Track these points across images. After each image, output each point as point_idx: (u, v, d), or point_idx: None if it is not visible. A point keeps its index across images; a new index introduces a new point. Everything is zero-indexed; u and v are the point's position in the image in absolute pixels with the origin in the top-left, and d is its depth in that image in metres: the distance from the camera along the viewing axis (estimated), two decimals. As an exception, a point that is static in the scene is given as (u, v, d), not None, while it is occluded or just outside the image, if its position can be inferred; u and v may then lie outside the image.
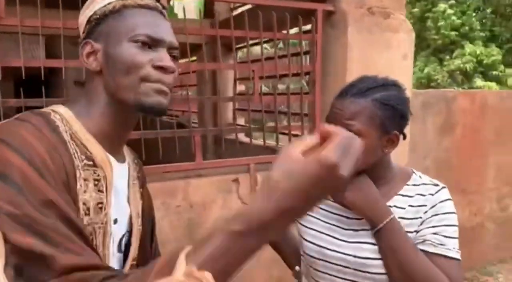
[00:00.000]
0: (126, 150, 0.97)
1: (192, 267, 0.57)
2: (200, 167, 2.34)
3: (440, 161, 3.47)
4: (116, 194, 0.86)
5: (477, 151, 3.78)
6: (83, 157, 0.79)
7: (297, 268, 1.35)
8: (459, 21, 12.59)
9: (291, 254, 1.40)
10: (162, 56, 0.82)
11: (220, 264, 0.58)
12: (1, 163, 0.68)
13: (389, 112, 1.06)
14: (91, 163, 0.80)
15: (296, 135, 2.87)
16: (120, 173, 0.89)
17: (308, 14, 2.60)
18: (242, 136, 3.10)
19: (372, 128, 1.05)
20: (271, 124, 2.84)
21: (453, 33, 12.63)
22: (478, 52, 11.96)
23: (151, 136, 2.20)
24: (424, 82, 12.33)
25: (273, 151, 3.03)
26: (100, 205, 0.80)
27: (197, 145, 2.29)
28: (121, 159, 0.90)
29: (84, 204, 0.77)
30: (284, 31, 2.57)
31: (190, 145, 2.33)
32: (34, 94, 2.04)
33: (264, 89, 5.76)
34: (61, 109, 0.83)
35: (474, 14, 12.82)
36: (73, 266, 0.65)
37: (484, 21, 12.84)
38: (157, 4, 0.88)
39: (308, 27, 2.67)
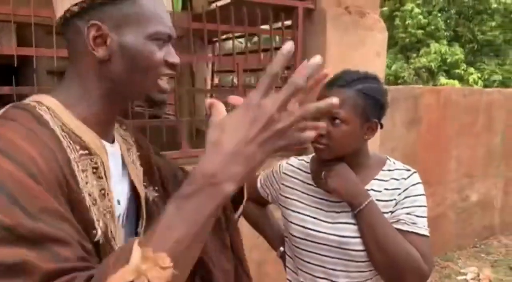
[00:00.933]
0: (116, 129, 0.93)
1: (147, 250, 0.55)
2: (186, 156, 2.42)
3: (407, 153, 3.65)
4: (113, 175, 0.84)
5: (441, 144, 3.99)
6: (78, 147, 0.75)
7: (281, 248, 1.45)
8: (425, 20, 12.98)
9: (275, 236, 1.49)
10: (172, 52, 0.81)
11: (174, 237, 0.57)
12: None
13: (371, 102, 1.18)
14: (86, 152, 0.76)
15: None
16: (114, 154, 0.86)
17: (289, 11, 2.71)
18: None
19: (356, 116, 1.17)
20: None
21: (419, 32, 13.01)
22: (442, 51, 12.38)
23: (138, 125, 2.26)
24: (392, 79, 12.68)
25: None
26: (102, 191, 0.78)
27: (183, 135, 2.38)
28: (111, 140, 0.87)
29: (89, 195, 0.74)
30: (266, 26, 2.67)
31: (169, 134, 2.39)
32: (3, 82, 2.02)
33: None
34: (46, 99, 0.77)
35: (439, 14, 13.23)
36: (57, 271, 0.58)
37: (448, 21, 13.29)
38: None
39: (288, 22, 2.78)
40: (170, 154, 2.39)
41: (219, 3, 3.90)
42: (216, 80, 4.71)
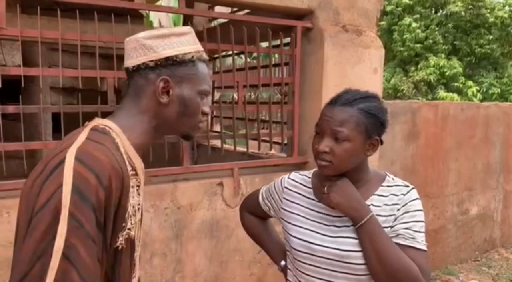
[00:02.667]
0: None
1: None
2: (187, 171, 2.46)
3: (406, 167, 3.68)
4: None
5: (439, 157, 4.01)
6: (130, 168, 0.96)
7: (282, 262, 1.46)
8: (423, 34, 13.12)
9: (276, 249, 1.51)
10: (208, 104, 1.08)
11: None
12: (80, 180, 0.83)
13: (372, 120, 1.22)
14: (134, 172, 0.97)
15: (276, 143, 3.03)
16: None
17: (287, 29, 2.79)
18: (218, 144, 3.24)
19: (358, 134, 1.21)
20: (252, 131, 2.99)
21: (418, 45, 13.12)
22: (441, 64, 12.48)
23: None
24: (391, 93, 12.76)
25: (253, 157, 3.19)
26: (138, 206, 0.99)
27: (185, 150, 2.42)
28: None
29: (132, 207, 0.95)
30: (266, 43, 2.74)
31: (171, 150, 2.44)
32: (7, 97, 2.07)
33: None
34: (111, 124, 0.98)
35: (437, 29, 13.37)
36: None
37: (446, 35, 13.41)
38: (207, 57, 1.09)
39: (287, 40, 2.85)
40: (172, 170, 2.44)
41: (219, 21, 3.99)
42: (216, 96, 4.77)
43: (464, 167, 4.23)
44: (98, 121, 0.99)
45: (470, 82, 12.58)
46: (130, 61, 1.02)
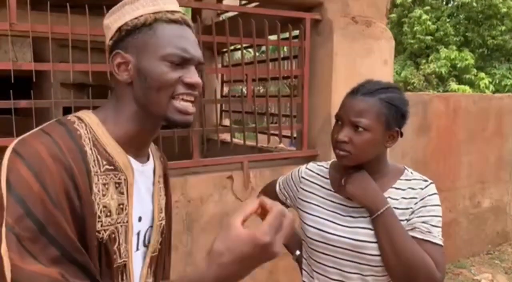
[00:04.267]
0: (153, 149, 1.01)
1: None
2: (198, 164, 2.47)
3: (417, 160, 3.66)
4: (138, 193, 0.91)
5: (451, 150, 3.98)
6: (104, 162, 0.83)
7: (297, 252, 1.48)
8: (434, 26, 12.92)
9: (291, 240, 1.50)
10: (192, 73, 0.86)
11: None
12: (15, 178, 0.73)
13: (393, 111, 1.21)
14: (112, 167, 0.84)
15: (285, 136, 3.02)
16: (144, 173, 0.93)
17: (296, 21, 2.77)
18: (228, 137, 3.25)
19: (378, 124, 1.20)
20: (262, 125, 2.99)
21: (428, 38, 12.95)
22: (452, 56, 12.30)
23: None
24: (401, 86, 12.63)
25: (263, 151, 3.19)
26: (121, 206, 0.85)
27: (195, 144, 2.43)
28: (145, 160, 0.94)
29: (104, 207, 0.82)
30: (275, 36, 2.73)
31: (181, 144, 2.45)
32: (19, 94, 2.12)
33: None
34: (88, 116, 0.86)
35: (448, 20, 13.17)
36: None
37: (457, 26, 13.20)
38: (186, 18, 0.89)
39: (295, 33, 2.84)
40: (182, 163, 2.45)
41: (228, 14, 3.98)
42: (225, 90, 4.77)
43: (476, 159, 4.19)
44: (78, 113, 0.88)
45: (482, 74, 12.39)
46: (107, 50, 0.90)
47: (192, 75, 0.86)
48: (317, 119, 2.84)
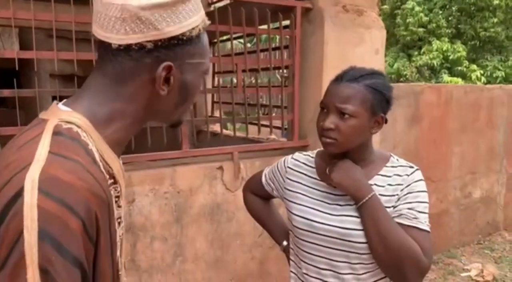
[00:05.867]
0: None
1: None
2: (187, 155, 2.44)
3: (408, 150, 3.65)
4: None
5: (442, 141, 3.97)
6: (107, 177, 0.73)
7: (284, 242, 1.47)
8: (426, 18, 12.93)
9: (278, 230, 1.52)
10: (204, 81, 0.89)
11: None
12: (64, 234, 0.59)
13: (378, 97, 1.21)
14: (112, 180, 0.75)
15: (276, 127, 3.00)
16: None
17: (287, 10, 2.73)
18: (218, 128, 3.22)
19: (364, 110, 1.19)
20: (253, 116, 2.96)
21: (421, 29, 12.96)
22: (444, 48, 12.34)
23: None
24: (394, 78, 12.64)
25: (253, 142, 3.16)
26: (119, 220, 0.77)
27: (184, 135, 2.40)
28: (119, 156, 0.84)
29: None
30: (265, 26, 2.69)
31: (170, 134, 2.42)
32: (7, 86, 2.08)
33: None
34: (78, 119, 0.71)
35: (440, 12, 13.18)
36: None
37: (450, 18, 13.22)
38: None
39: (287, 22, 2.80)
40: (171, 154, 2.42)
41: (218, 4, 3.93)
42: (217, 81, 4.73)
43: (467, 150, 4.19)
44: (59, 114, 0.71)
45: (474, 66, 12.44)
46: (115, 37, 0.71)
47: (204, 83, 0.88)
48: (308, 109, 2.82)
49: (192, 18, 0.75)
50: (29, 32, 2.16)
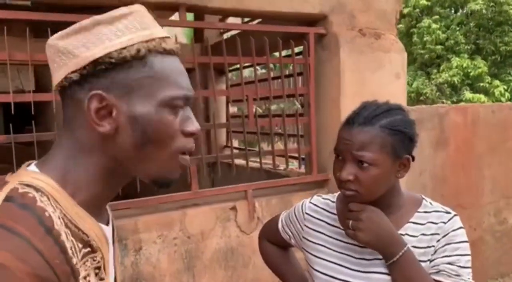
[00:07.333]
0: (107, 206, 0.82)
1: None
2: (197, 196, 2.29)
3: (436, 176, 3.46)
4: (110, 267, 0.76)
5: (472, 164, 3.78)
6: (80, 246, 0.64)
7: None
8: (444, 35, 12.79)
9: None
10: (191, 119, 0.69)
11: None
12: None
13: (399, 137, 1.05)
14: (88, 249, 0.66)
15: (292, 157, 2.84)
16: (109, 237, 0.75)
17: (299, 37, 2.61)
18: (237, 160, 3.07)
19: (385, 156, 1.04)
20: (265, 146, 2.81)
21: (439, 47, 12.81)
22: (464, 65, 12.12)
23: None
24: (413, 97, 12.45)
25: (269, 174, 3.00)
26: None
27: (193, 174, 2.26)
28: (105, 220, 0.75)
29: None
30: (276, 54, 2.57)
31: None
32: (22, 122, 2.01)
33: (258, 110, 5.75)
34: (41, 180, 0.64)
35: (458, 28, 13.03)
36: None
37: (468, 34, 13.04)
38: (177, 46, 0.71)
39: (300, 48, 2.68)
40: (180, 195, 2.27)
41: (229, 33, 3.86)
42: (235, 109, 4.64)
43: (499, 173, 3.98)
44: (22, 176, 0.65)
45: (496, 82, 12.16)
46: (53, 78, 0.67)
47: (193, 121, 0.69)
48: (326, 140, 2.65)
49: (120, 38, 0.64)
50: (46, 69, 2.10)
